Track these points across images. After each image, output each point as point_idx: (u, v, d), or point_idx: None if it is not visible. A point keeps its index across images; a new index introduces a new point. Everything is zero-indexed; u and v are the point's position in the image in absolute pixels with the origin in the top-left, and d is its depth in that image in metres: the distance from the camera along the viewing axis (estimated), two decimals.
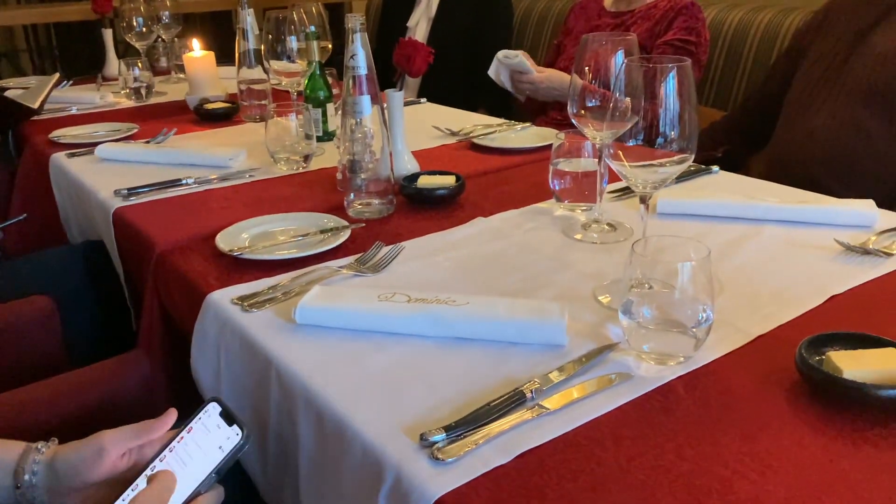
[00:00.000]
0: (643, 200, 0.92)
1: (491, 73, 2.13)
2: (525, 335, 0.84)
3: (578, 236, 1.14)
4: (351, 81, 1.21)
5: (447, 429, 0.68)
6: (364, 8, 3.72)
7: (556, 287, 0.98)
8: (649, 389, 0.75)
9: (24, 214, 1.54)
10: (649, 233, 0.94)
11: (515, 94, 2.21)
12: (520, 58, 2.06)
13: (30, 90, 2.21)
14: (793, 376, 0.76)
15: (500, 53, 2.09)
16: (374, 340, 0.86)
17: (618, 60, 1.02)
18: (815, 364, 0.73)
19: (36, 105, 2.04)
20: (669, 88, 0.84)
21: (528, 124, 1.85)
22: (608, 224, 1.16)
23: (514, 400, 0.72)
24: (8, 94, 2.10)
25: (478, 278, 1.02)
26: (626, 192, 1.32)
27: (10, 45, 3.46)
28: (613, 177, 1.16)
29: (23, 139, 1.97)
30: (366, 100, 1.22)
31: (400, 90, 1.39)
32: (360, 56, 1.20)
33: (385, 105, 1.31)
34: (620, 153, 0.89)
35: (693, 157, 0.87)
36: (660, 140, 0.86)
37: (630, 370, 0.78)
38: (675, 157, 0.87)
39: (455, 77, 2.64)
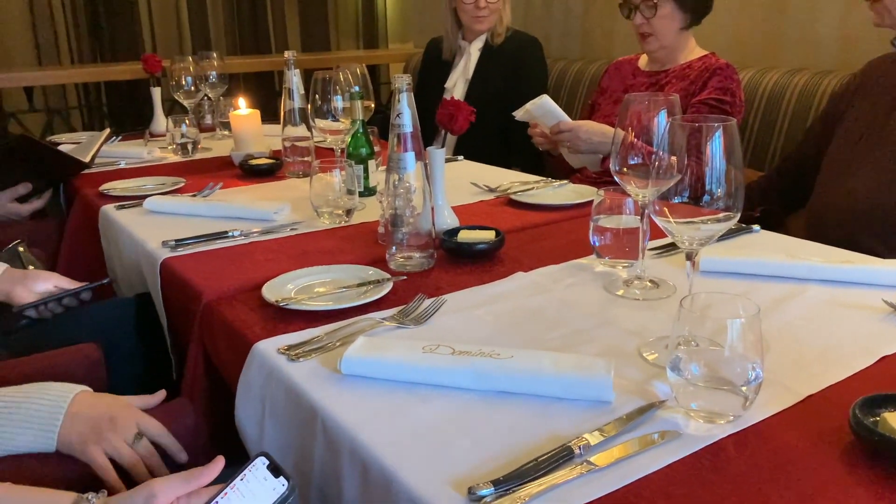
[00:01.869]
0: (689, 257, 0.93)
1: (518, 115, 2.15)
2: (571, 390, 0.83)
3: (620, 292, 1.14)
4: (396, 139, 1.24)
5: (495, 483, 0.68)
6: (402, 70, 3.83)
7: (599, 343, 0.98)
8: (699, 448, 0.74)
9: (108, 279, 1.56)
10: (694, 290, 0.94)
11: (549, 150, 2.24)
12: (544, 98, 2.09)
13: (81, 145, 2.30)
14: (846, 437, 0.74)
15: (529, 104, 2.12)
16: (419, 392, 0.86)
17: (660, 119, 1.04)
18: (871, 425, 0.72)
19: (87, 159, 2.11)
20: (716, 147, 0.85)
21: (565, 182, 1.87)
22: (650, 281, 1.16)
23: (562, 455, 0.72)
24: (61, 148, 2.17)
25: (520, 332, 1.02)
26: (668, 249, 1.32)
27: (62, 103, 3.60)
28: (653, 234, 1.17)
29: (73, 192, 2.03)
30: (410, 156, 1.25)
31: (441, 147, 1.42)
32: (405, 115, 1.23)
33: (427, 161, 1.34)
34: (666, 210, 0.90)
35: (739, 215, 0.88)
36: (706, 198, 0.87)
37: (679, 428, 0.77)
38: (721, 215, 0.88)
39: (490, 136, 2.68)
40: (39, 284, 1.42)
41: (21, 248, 1.66)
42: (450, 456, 0.74)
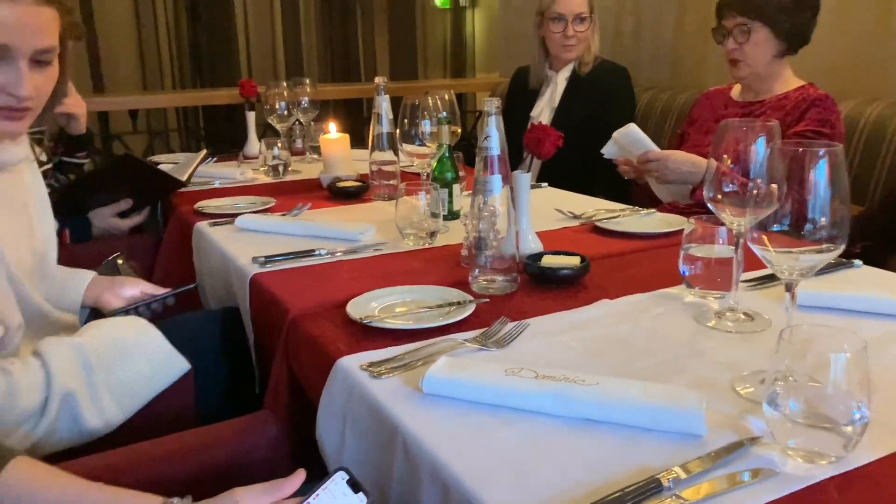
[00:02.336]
0: (788, 288, 0.89)
1: (606, 152, 2.13)
2: (660, 421, 0.80)
3: (712, 324, 1.10)
4: (483, 161, 1.24)
5: None
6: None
7: (689, 374, 0.95)
8: (798, 488, 0.70)
9: (194, 283, 1.62)
10: (792, 324, 0.90)
11: (635, 180, 2.20)
12: (632, 126, 2.06)
13: (179, 165, 2.40)
14: None
15: (616, 133, 2.10)
16: (501, 415, 0.85)
17: (758, 146, 1.00)
18: None
19: (184, 178, 2.20)
20: (819, 174, 0.81)
21: (652, 210, 1.83)
22: (744, 313, 1.11)
23: (651, 488, 0.69)
24: (160, 167, 2.28)
25: (606, 360, 0.99)
26: (762, 281, 1.27)
27: (163, 126, 3.78)
28: (746, 265, 1.13)
29: (170, 209, 2.12)
30: (496, 179, 1.25)
31: (527, 171, 1.41)
32: (493, 138, 1.24)
33: (512, 185, 1.34)
34: (764, 238, 0.87)
35: (843, 246, 0.84)
36: (807, 227, 0.83)
37: (775, 466, 0.73)
38: (823, 246, 0.84)
39: (575, 165, 2.65)
40: (127, 290, 1.48)
41: (120, 261, 1.73)
42: (534, 482, 0.72)
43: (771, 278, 1.27)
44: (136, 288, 1.49)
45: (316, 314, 1.19)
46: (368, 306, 1.18)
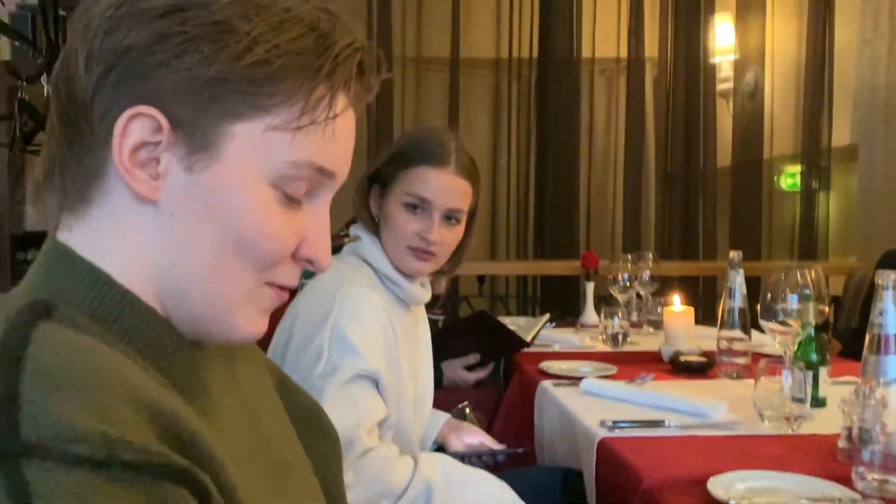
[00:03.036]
0: None
1: None
2: None
3: None
4: (875, 339, 1.11)
5: None
6: (843, 284, 3.53)
7: None
8: None
9: (524, 448, 1.70)
10: None
11: None
12: None
13: (521, 327, 2.52)
14: None
15: None
16: None
17: None
18: None
19: (528, 339, 2.31)
20: None
21: None
22: None
23: None
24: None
25: None
26: None
27: (504, 290, 4.06)
28: None
29: (513, 367, 2.22)
30: (892, 361, 1.10)
31: None
32: (889, 313, 1.11)
33: None
34: None
35: None
36: None
37: None
38: None
39: None
40: (469, 437, 1.61)
41: (468, 410, 1.84)
42: None
43: None
44: (476, 437, 1.61)
45: (673, 487, 1.12)
46: (734, 487, 1.07)
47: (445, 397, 1.97)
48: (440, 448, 1.60)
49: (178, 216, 0.56)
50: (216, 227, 0.56)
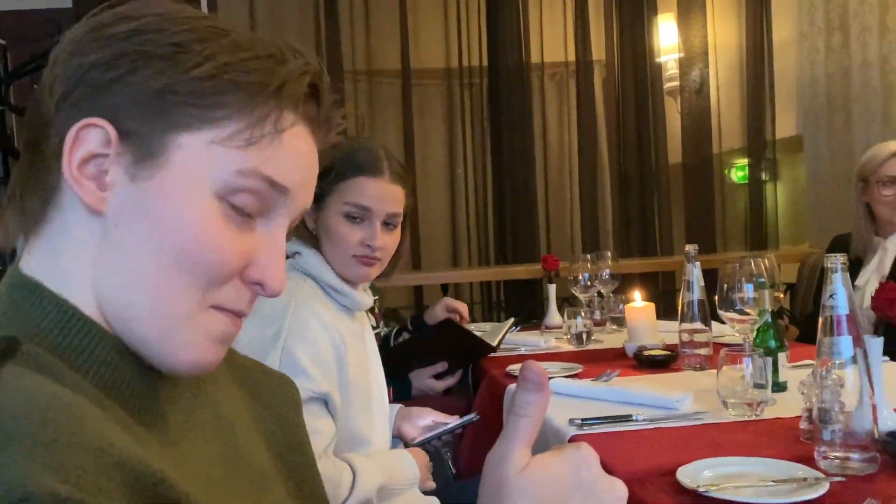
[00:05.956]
0: None
1: None
2: None
3: None
4: (828, 322, 1.14)
5: None
6: (796, 271, 3.62)
7: None
8: None
9: (476, 414, 1.79)
10: None
11: None
12: None
13: (487, 332, 2.54)
14: None
15: None
16: None
17: None
18: None
19: (494, 343, 2.32)
20: None
21: None
22: None
23: None
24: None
25: None
26: None
27: (468, 298, 4.07)
28: None
29: (481, 373, 2.23)
30: (844, 341, 1.14)
31: (880, 336, 1.27)
32: (839, 295, 1.14)
33: (863, 350, 1.20)
34: None
35: None
36: None
37: None
38: None
39: None
40: (421, 420, 1.70)
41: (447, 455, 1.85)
42: None
43: None
44: (427, 418, 1.71)
45: (643, 479, 1.13)
46: (701, 475, 1.09)
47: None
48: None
49: (122, 227, 0.55)
50: (157, 237, 0.55)
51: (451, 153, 4.50)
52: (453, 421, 1.71)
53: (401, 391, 2.28)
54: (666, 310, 3.12)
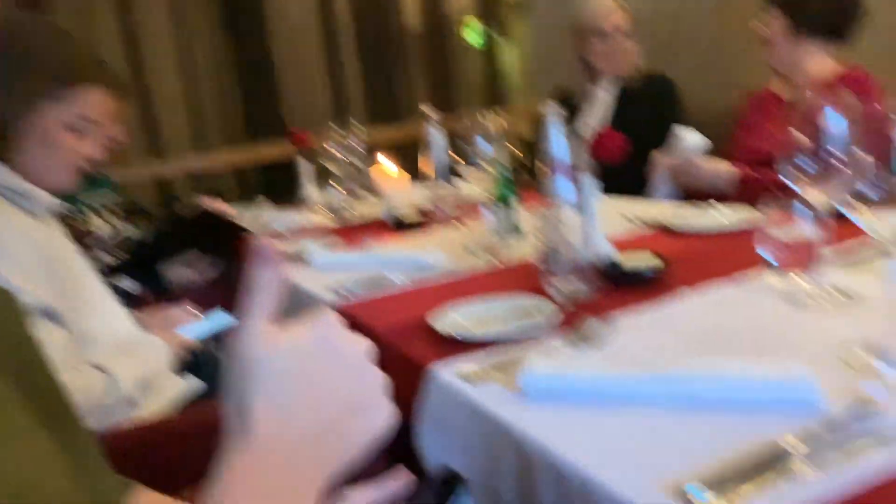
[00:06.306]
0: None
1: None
2: (774, 392, 0.79)
3: (807, 304, 1.08)
4: (548, 166, 1.25)
5: (709, 485, 0.65)
6: (531, 126, 3.88)
7: (795, 355, 0.93)
8: None
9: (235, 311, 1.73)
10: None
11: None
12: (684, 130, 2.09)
13: (242, 215, 2.47)
14: None
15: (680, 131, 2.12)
16: (607, 407, 0.84)
17: (835, 120, 0.99)
18: None
19: (246, 225, 2.27)
20: None
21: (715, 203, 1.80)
22: (837, 291, 1.09)
23: (778, 457, 0.68)
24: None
25: (704, 350, 0.98)
26: (851, 258, 1.24)
27: (222, 187, 3.88)
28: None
29: (240, 256, 2.17)
30: (561, 181, 1.26)
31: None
32: (556, 142, 1.25)
33: (579, 189, 1.34)
34: (856, 206, 0.85)
35: None
36: None
37: None
38: None
39: (629, 181, 2.64)
40: (178, 321, 1.57)
41: None
42: (653, 463, 0.72)
43: (858, 255, 1.24)
44: (180, 314, 1.61)
45: (402, 331, 1.20)
46: (449, 317, 1.18)
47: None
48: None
49: None
50: None
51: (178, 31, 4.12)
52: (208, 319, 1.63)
53: (157, 288, 2.17)
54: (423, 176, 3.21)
